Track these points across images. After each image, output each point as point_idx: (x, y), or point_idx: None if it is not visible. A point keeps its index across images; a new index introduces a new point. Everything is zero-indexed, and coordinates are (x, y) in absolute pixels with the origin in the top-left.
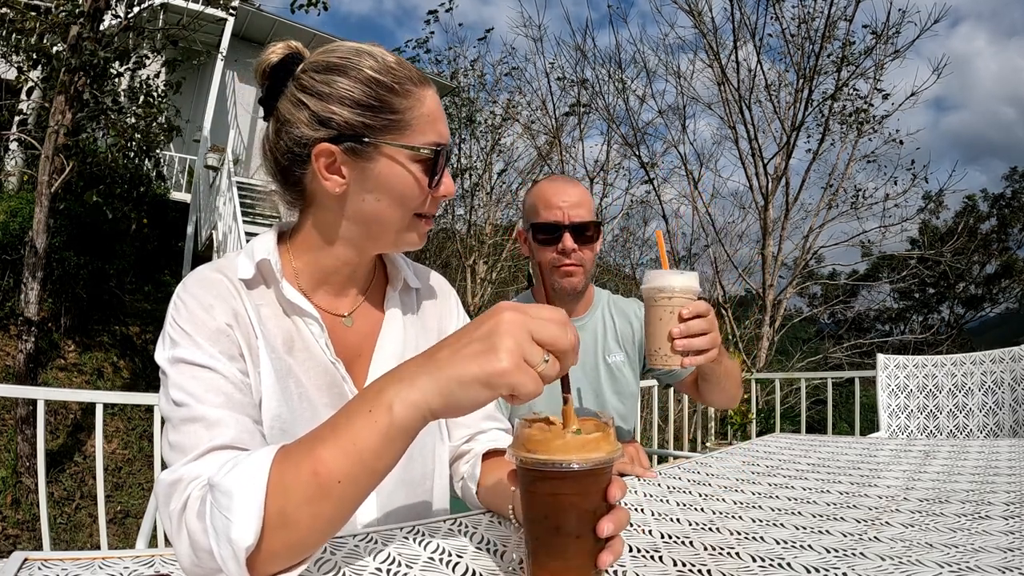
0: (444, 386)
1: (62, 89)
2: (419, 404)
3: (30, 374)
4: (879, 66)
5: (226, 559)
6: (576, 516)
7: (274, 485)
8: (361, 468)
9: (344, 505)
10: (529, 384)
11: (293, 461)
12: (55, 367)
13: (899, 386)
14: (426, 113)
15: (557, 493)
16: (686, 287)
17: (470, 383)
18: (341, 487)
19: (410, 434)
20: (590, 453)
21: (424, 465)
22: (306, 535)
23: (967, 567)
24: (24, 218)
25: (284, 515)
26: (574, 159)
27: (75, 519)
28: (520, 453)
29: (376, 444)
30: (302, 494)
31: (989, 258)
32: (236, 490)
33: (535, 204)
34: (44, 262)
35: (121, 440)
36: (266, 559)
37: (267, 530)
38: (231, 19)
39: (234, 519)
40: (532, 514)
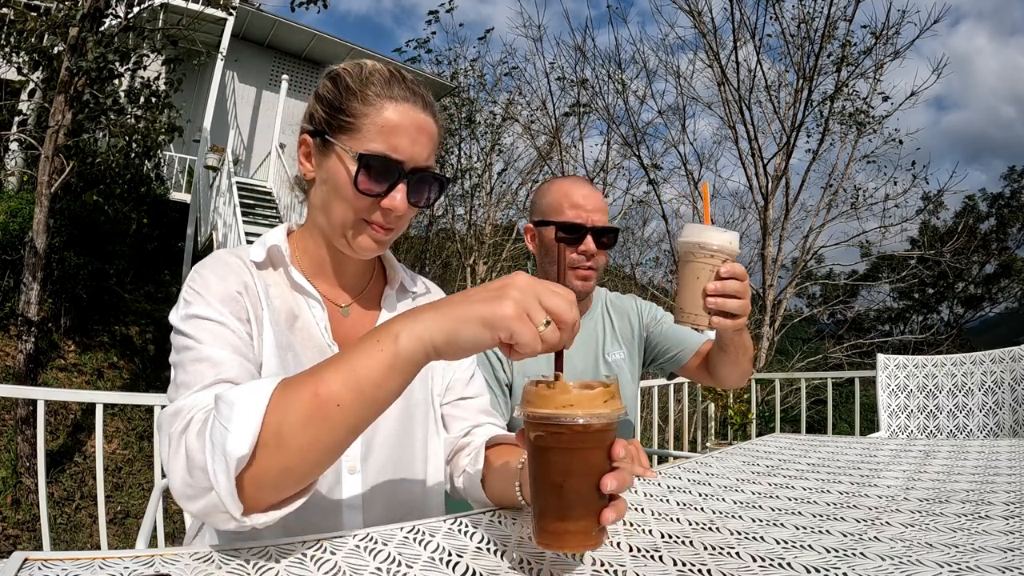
0: (449, 323)
1: (62, 89)
2: (424, 338)
3: (30, 374)
4: (879, 66)
5: (218, 473)
6: (581, 471)
7: (276, 402)
8: (360, 396)
9: (339, 433)
10: (527, 335)
11: (297, 383)
12: (55, 367)
13: (899, 386)
14: (380, 123)
15: (563, 447)
16: (726, 246)
17: (474, 321)
18: (339, 412)
19: (411, 367)
20: (596, 408)
21: (413, 449)
22: (298, 459)
23: (967, 567)
24: (24, 218)
25: (280, 433)
26: (574, 159)
27: (75, 519)
28: (528, 409)
29: (378, 373)
30: (301, 413)
31: (989, 258)
32: (239, 401)
33: (560, 202)
34: (44, 262)
35: (121, 440)
36: (255, 480)
37: (261, 447)
38: (231, 19)
39: (232, 429)
40: (538, 470)
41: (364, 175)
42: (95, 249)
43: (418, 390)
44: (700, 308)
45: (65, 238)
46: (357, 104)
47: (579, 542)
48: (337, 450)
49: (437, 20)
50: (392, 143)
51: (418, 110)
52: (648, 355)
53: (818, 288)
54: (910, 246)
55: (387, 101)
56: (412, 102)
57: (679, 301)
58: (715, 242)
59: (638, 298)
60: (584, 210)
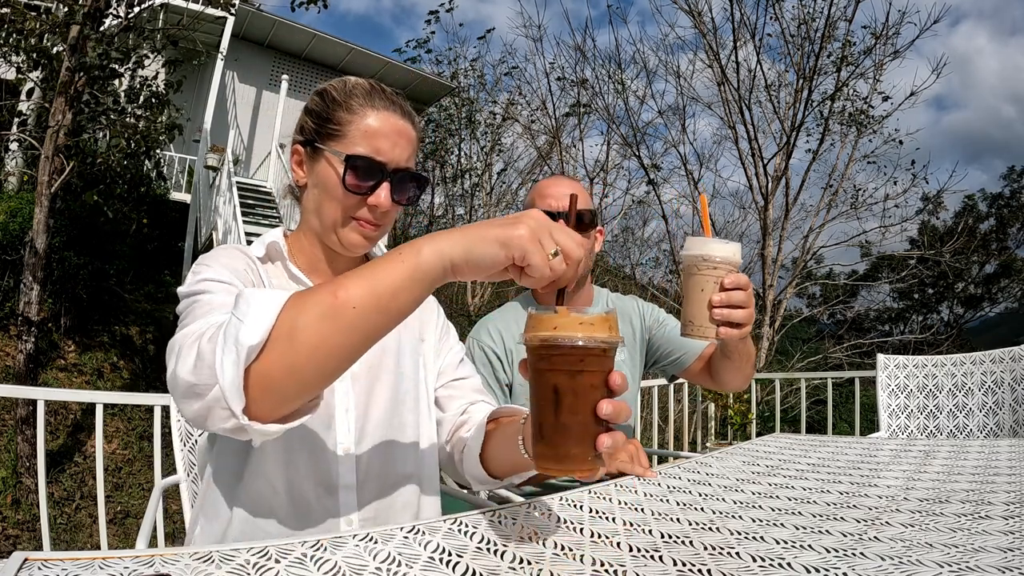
0: (468, 242)
1: (62, 89)
2: (444, 253)
3: (30, 374)
4: (879, 66)
5: (226, 365)
6: (579, 393)
7: (293, 302)
8: (377, 301)
9: (350, 336)
10: (537, 257)
11: (318, 288)
12: (55, 367)
13: (899, 386)
14: (364, 129)
15: (563, 370)
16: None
17: (491, 240)
18: (354, 313)
19: (429, 280)
20: (595, 332)
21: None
22: (306, 357)
23: (967, 567)
24: (24, 218)
25: (294, 328)
26: (574, 159)
27: (75, 519)
28: (530, 334)
29: (397, 281)
30: (317, 310)
31: (988, 258)
32: (257, 298)
33: (532, 199)
34: (44, 262)
35: (121, 440)
36: (261, 377)
37: (272, 341)
38: (231, 19)
39: (246, 321)
40: (539, 394)
41: (351, 175)
42: (95, 249)
43: (408, 378)
44: (706, 320)
45: (65, 238)
46: (343, 113)
47: (576, 466)
48: (344, 356)
49: (437, 20)
50: (375, 146)
51: (397, 117)
52: (650, 357)
53: (818, 288)
54: (910, 246)
55: (369, 110)
56: (392, 110)
57: (685, 315)
58: (718, 254)
59: (639, 299)
60: (553, 198)
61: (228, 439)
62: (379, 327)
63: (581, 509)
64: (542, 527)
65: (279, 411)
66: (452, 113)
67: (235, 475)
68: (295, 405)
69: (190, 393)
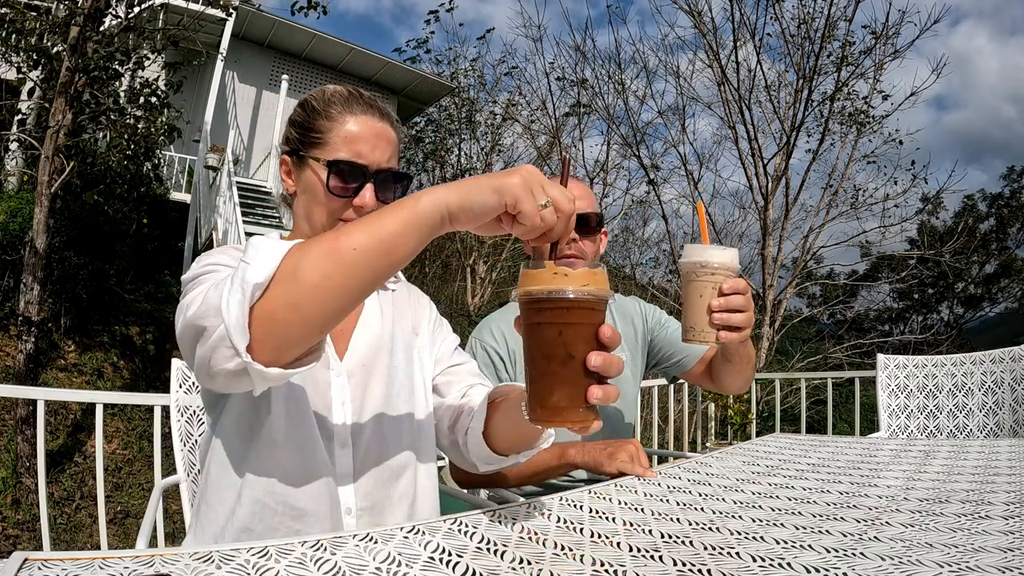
0: (464, 190)
1: (62, 89)
2: (441, 201)
3: (30, 374)
4: (879, 66)
5: (232, 304)
6: (568, 345)
7: (299, 247)
8: (377, 245)
9: (350, 278)
10: (529, 205)
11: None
12: (55, 367)
13: (899, 386)
14: (343, 135)
15: (551, 322)
16: (727, 263)
17: (485, 188)
18: (354, 254)
19: (427, 228)
20: (584, 285)
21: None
22: (308, 295)
23: (967, 567)
24: (24, 218)
25: (298, 267)
26: (574, 159)
27: (75, 519)
28: (521, 289)
29: (396, 227)
30: (320, 251)
31: (988, 258)
32: (265, 243)
33: None
34: (44, 262)
35: (121, 440)
36: (265, 315)
37: (276, 281)
38: (231, 19)
39: (253, 263)
40: (530, 348)
41: (335, 179)
42: (95, 249)
43: (402, 371)
44: (706, 325)
45: (65, 238)
46: (323, 121)
47: (567, 417)
48: (345, 296)
49: (437, 20)
50: (356, 150)
51: (376, 120)
52: (651, 359)
53: (818, 288)
54: (909, 246)
55: (348, 115)
56: (370, 114)
57: (686, 320)
58: (716, 260)
59: (642, 301)
60: None
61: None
62: (378, 270)
63: (581, 509)
64: (542, 527)
65: (281, 354)
66: (452, 113)
67: (234, 467)
68: (296, 349)
69: (196, 336)
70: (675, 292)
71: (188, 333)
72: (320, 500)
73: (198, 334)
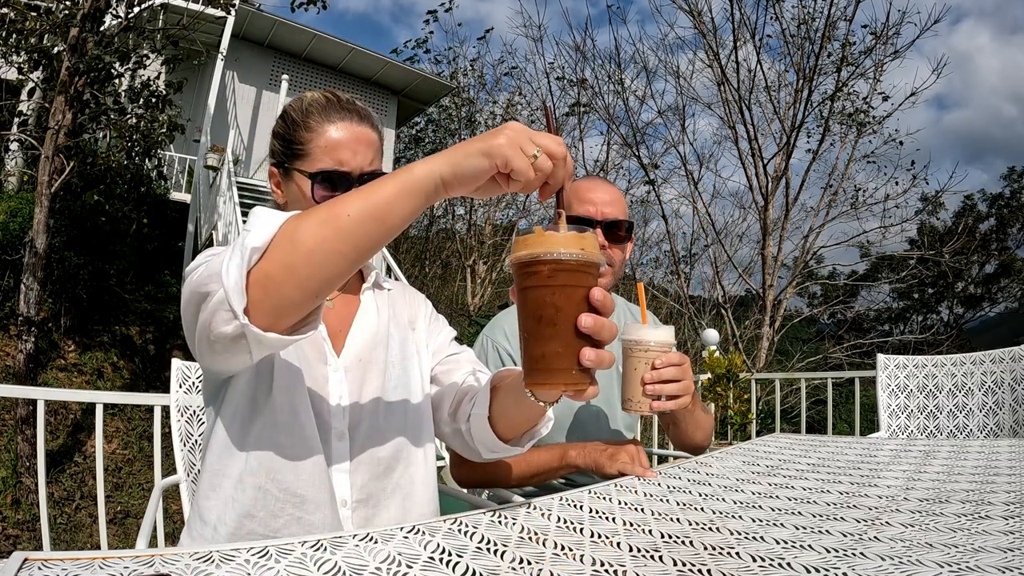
0: (454, 157)
1: (62, 89)
2: (433, 169)
3: (30, 374)
4: (879, 66)
5: (231, 268)
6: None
7: (297, 215)
8: (372, 211)
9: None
10: (519, 161)
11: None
12: (55, 367)
13: (899, 386)
14: (323, 144)
15: (542, 285)
16: (661, 340)
17: (474, 153)
18: (349, 220)
19: (420, 195)
20: (574, 247)
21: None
22: (304, 258)
23: (967, 567)
24: (24, 218)
25: (295, 233)
26: (574, 160)
27: (75, 519)
28: (512, 256)
29: (390, 194)
30: (316, 218)
31: (988, 258)
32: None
33: (568, 199)
34: (44, 262)
35: (121, 440)
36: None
37: (274, 246)
38: (231, 19)
39: (253, 229)
40: (523, 312)
41: (320, 189)
42: (95, 249)
43: (398, 366)
44: (640, 395)
45: (65, 238)
46: (303, 132)
47: (561, 379)
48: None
49: (436, 19)
50: (337, 158)
51: (355, 124)
52: None
53: (818, 288)
54: (909, 246)
55: (327, 124)
56: (348, 119)
57: (624, 392)
58: (649, 338)
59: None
60: (592, 204)
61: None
62: (372, 236)
63: (581, 509)
64: (542, 527)
65: (279, 319)
66: (452, 113)
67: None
68: (293, 313)
69: (199, 302)
70: (675, 292)
71: (191, 301)
72: (320, 488)
73: (200, 300)
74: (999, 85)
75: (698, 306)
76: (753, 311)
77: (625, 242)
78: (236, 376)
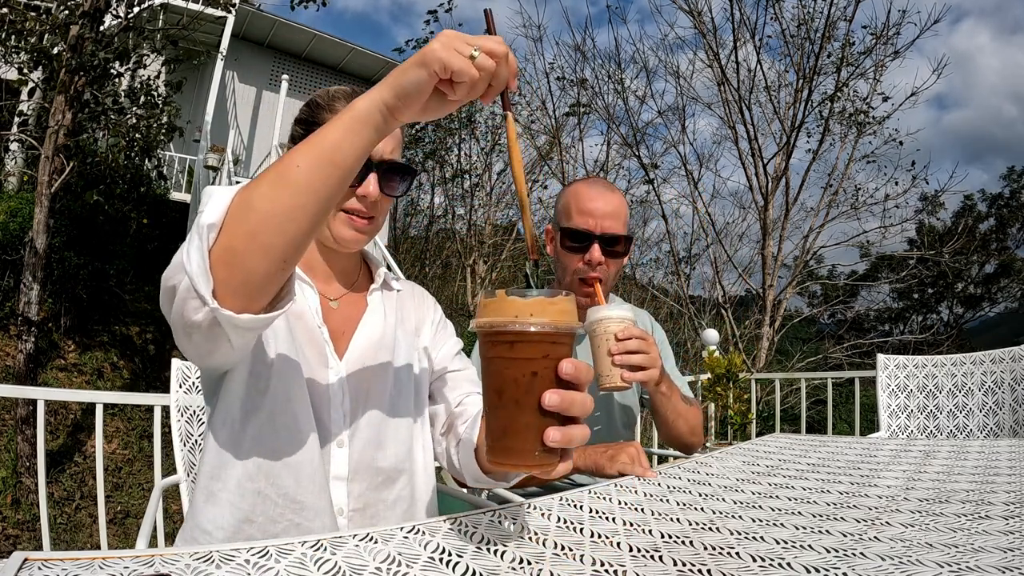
0: (392, 79)
1: (62, 89)
2: (375, 98)
3: (30, 374)
4: (879, 66)
5: (192, 253)
6: (519, 383)
7: (247, 184)
8: (319, 156)
9: (299, 196)
10: (457, 62)
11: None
12: (55, 367)
13: (899, 386)
14: None
15: (506, 357)
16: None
17: (410, 67)
18: (298, 172)
19: (367, 126)
20: (541, 316)
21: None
22: (263, 221)
23: (967, 567)
24: (24, 218)
25: (248, 199)
26: (574, 159)
27: (75, 519)
28: (477, 320)
29: (336, 134)
30: (267, 180)
31: (988, 258)
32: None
33: (568, 205)
34: (44, 262)
35: (121, 440)
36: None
37: (230, 217)
38: (231, 19)
39: (207, 209)
40: (486, 381)
41: None
42: (95, 249)
43: (402, 371)
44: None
45: (65, 238)
46: (327, 115)
47: (522, 460)
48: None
49: (436, 20)
50: None
51: None
52: None
53: (818, 288)
54: (909, 246)
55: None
56: None
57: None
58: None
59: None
60: (591, 216)
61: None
62: (329, 181)
63: (581, 509)
64: (542, 527)
65: (250, 297)
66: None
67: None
68: (263, 288)
69: (169, 298)
70: (675, 292)
71: (164, 299)
72: (319, 495)
73: (171, 295)
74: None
75: (698, 306)
76: (753, 311)
77: (621, 256)
78: (231, 375)
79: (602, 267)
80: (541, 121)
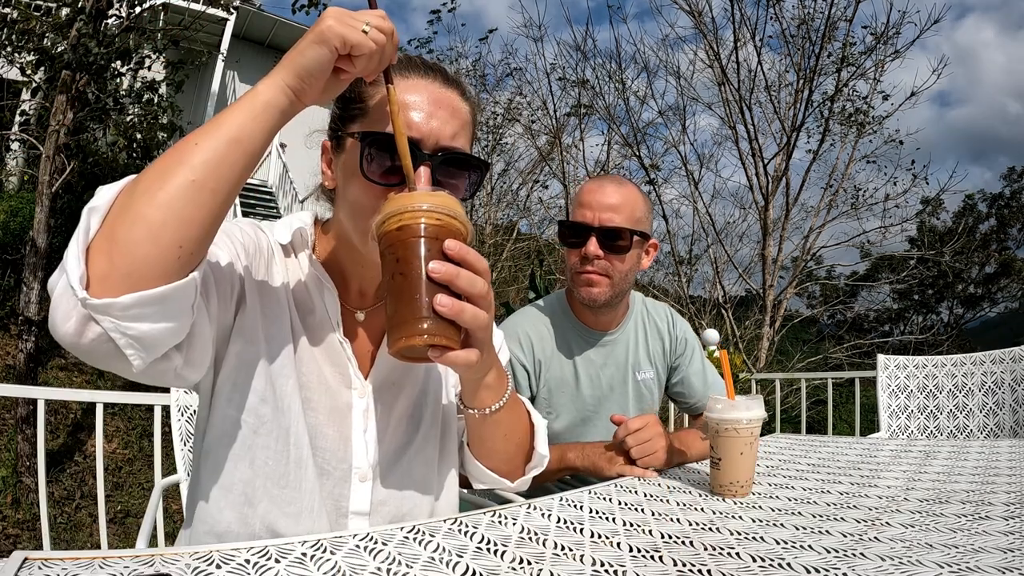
0: (291, 60)
1: (63, 89)
2: (275, 81)
3: (30, 374)
4: (879, 66)
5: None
6: (409, 260)
7: (140, 174)
8: (220, 135)
9: (193, 171)
10: (354, 35)
11: None
12: (55, 367)
13: (899, 387)
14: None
15: (396, 241)
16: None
17: (306, 46)
18: (195, 149)
19: (273, 108)
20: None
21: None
22: (151, 202)
23: (967, 567)
24: (25, 218)
25: (137, 181)
26: (575, 160)
27: (75, 519)
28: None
29: (239, 116)
30: (159, 164)
31: (988, 258)
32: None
33: (574, 201)
34: (45, 262)
35: (121, 440)
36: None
37: (116, 203)
38: (232, 19)
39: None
40: (384, 277)
41: (373, 157)
42: None
43: (432, 392)
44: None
45: (66, 237)
46: (366, 88)
47: (414, 330)
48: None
49: (439, 20)
50: (404, 118)
51: (436, 85)
52: (667, 383)
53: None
54: (909, 246)
55: (399, 79)
56: (431, 77)
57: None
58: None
59: (673, 313)
60: (590, 209)
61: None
62: (231, 158)
63: (581, 509)
64: (542, 527)
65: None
66: None
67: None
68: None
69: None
70: (675, 292)
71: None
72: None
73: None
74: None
75: (698, 306)
76: (753, 311)
77: (625, 252)
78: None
79: (601, 262)
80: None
